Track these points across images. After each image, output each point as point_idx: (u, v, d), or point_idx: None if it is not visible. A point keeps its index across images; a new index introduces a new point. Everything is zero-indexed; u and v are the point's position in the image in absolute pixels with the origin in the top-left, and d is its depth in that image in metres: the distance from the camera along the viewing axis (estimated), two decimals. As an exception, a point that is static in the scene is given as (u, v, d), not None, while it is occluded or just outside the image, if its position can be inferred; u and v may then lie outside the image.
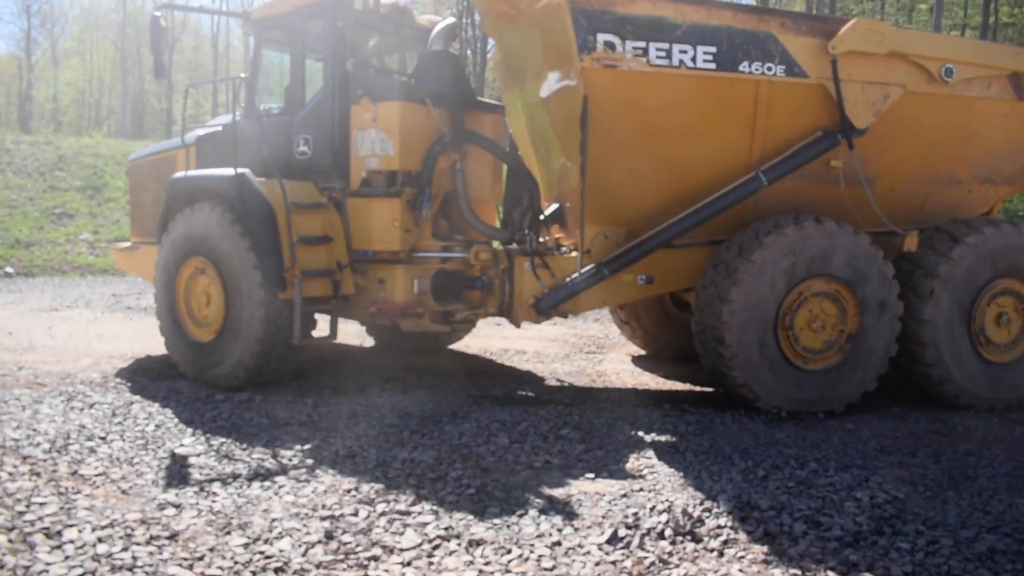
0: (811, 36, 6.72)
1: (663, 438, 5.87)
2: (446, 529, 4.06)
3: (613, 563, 3.71)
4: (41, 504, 4.23)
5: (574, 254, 7.21)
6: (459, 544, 3.90)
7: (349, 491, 4.60)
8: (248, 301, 6.88)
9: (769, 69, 6.62)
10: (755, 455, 5.48)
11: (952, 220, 7.47)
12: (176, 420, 6.10)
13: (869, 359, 6.79)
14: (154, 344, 8.61)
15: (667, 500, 4.47)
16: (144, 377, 7.60)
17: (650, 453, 5.49)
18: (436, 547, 3.87)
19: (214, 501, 4.42)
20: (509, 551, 3.83)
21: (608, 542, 3.91)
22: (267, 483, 4.74)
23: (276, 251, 6.84)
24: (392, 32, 7.99)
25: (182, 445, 5.46)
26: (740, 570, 3.67)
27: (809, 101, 6.83)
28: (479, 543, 3.92)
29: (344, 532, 4.01)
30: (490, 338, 10.29)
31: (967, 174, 7.68)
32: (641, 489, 4.73)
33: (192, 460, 5.14)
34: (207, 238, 7.12)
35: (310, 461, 5.16)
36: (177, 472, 4.91)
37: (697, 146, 6.89)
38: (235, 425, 6.00)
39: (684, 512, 4.23)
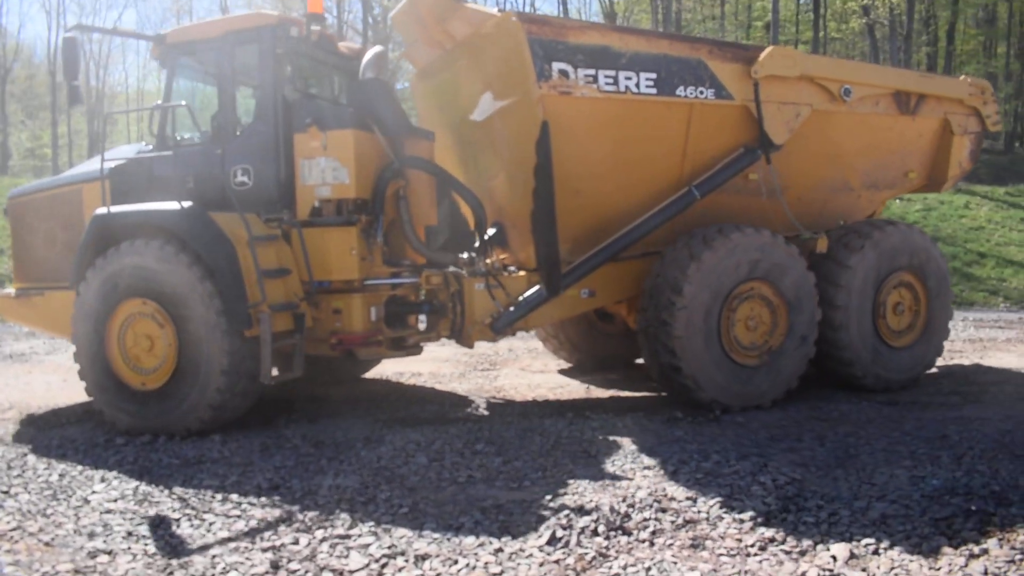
0: (735, 62, 7.41)
1: (573, 445, 6.15)
2: (389, 548, 4.19)
3: (556, 562, 3.95)
4: (-42, 565, 4.07)
5: (521, 273, 7.61)
6: (406, 560, 4.04)
7: (283, 521, 4.64)
8: (208, 340, 6.48)
9: (701, 93, 7.26)
10: (661, 453, 5.85)
11: (844, 223, 8.45)
12: (79, 467, 5.90)
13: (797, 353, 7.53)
14: (29, 393, 8.25)
15: (592, 501, 4.75)
16: (30, 427, 7.27)
17: (565, 460, 5.75)
18: (384, 566, 3.99)
19: (147, 544, 4.37)
20: (456, 561, 4.00)
21: (548, 543, 4.14)
22: (196, 521, 4.70)
23: (239, 287, 6.49)
24: (319, 59, 7.76)
25: (94, 492, 5.31)
26: (672, 556, 3.98)
27: (733, 121, 7.51)
28: (425, 557, 4.06)
29: (290, 560, 4.07)
30: (383, 362, 10.34)
31: (858, 181, 8.57)
32: (565, 493, 4.99)
33: (110, 506, 5.02)
34: (151, 277, 6.59)
35: (235, 496, 5.13)
36: (98, 519, 4.78)
37: (636, 165, 7.39)
38: (144, 468, 5.86)
39: (611, 509, 4.53)
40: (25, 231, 7.88)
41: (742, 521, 4.41)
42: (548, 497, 4.91)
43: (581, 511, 4.56)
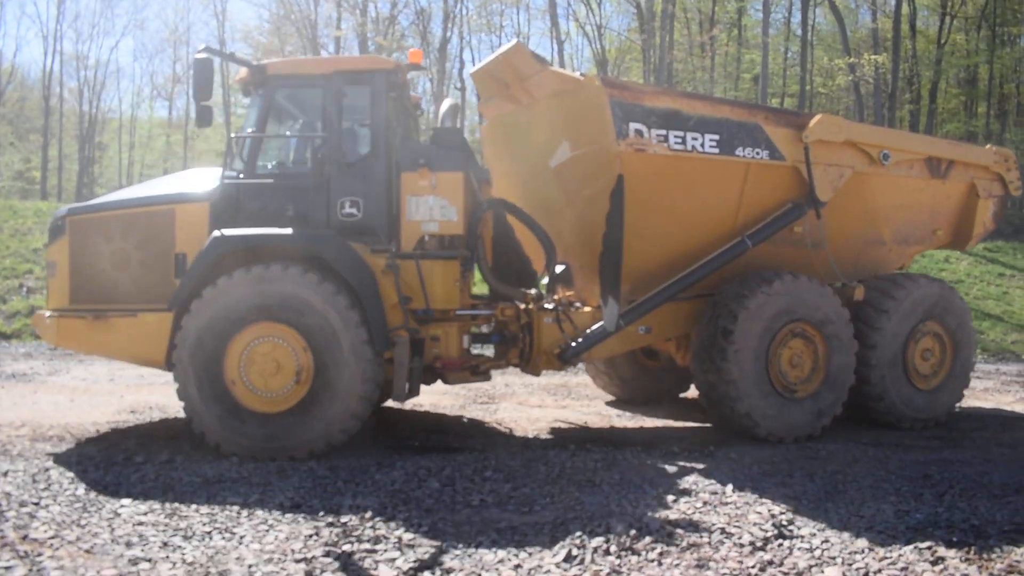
0: (788, 127, 8.28)
1: (578, 475, 6.47)
2: (416, 562, 4.49)
3: (574, 577, 4.26)
4: (7, 569, 4.33)
5: (587, 308, 8.36)
6: (432, 574, 4.34)
7: (311, 536, 4.93)
8: (350, 365, 6.76)
9: (757, 154, 8.09)
10: (661, 483, 6.20)
11: (875, 275, 9.20)
12: (103, 483, 6.14)
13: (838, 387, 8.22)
14: (38, 411, 8.46)
15: (601, 524, 5.07)
16: (44, 443, 7.49)
17: (571, 488, 6.07)
18: (413, 577, 4.29)
19: (183, 554, 4.63)
20: (479, 575, 4.30)
21: (564, 560, 4.46)
22: (227, 535, 4.98)
23: (381, 312, 6.96)
24: (402, 104, 8.14)
25: (123, 505, 5.56)
26: (673, 573, 4.31)
27: (784, 179, 8.33)
28: (450, 571, 4.37)
29: (323, 571, 4.35)
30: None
31: (890, 237, 9.36)
32: (576, 517, 5.30)
33: (141, 518, 5.28)
34: (290, 302, 6.75)
35: (260, 512, 5.41)
36: (132, 530, 5.04)
37: (696, 215, 8.18)
38: (167, 485, 6.11)
39: (621, 532, 4.85)
40: (88, 250, 7.38)
41: (742, 545, 4.75)
42: (559, 520, 5.23)
43: (592, 533, 4.88)
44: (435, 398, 10.43)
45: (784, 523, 5.15)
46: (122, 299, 7.27)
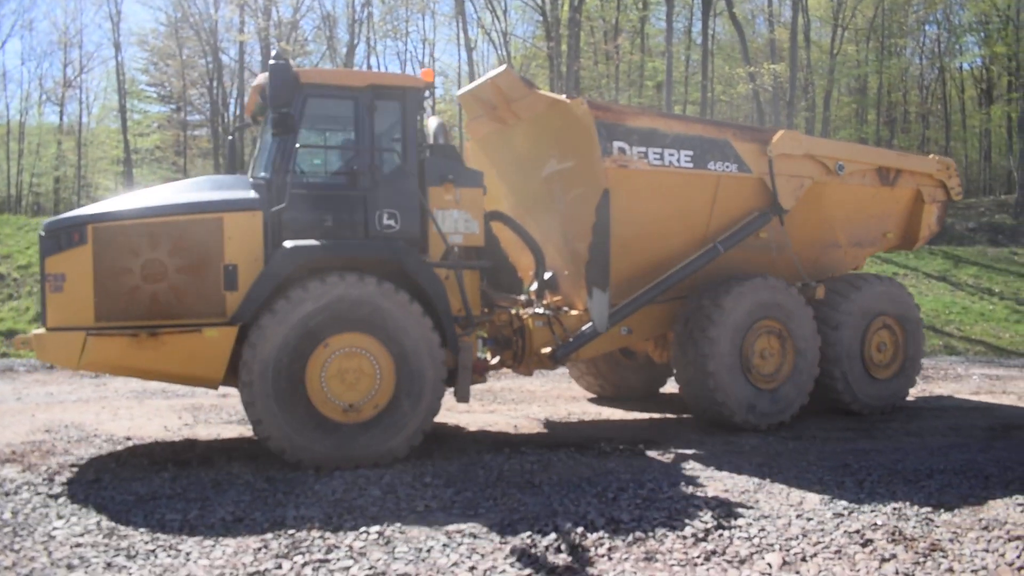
0: (753, 142, 9.06)
1: (516, 477, 6.58)
2: (370, 569, 4.52)
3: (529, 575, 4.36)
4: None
5: (574, 312, 9.00)
6: (388, 579, 4.37)
7: (259, 549, 4.89)
8: (429, 370, 7.00)
9: (727, 167, 8.88)
10: (598, 482, 6.37)
11: (833, 275, 10.06)
12: (30, 505, 5.92)
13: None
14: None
15: (548, 524, 5.19)
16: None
17: (512, 490, 6.18)
18: (369, 584, 4.32)
19: (130, 574, 4.54)
20: (436, 578, 4.36)
21: (518, 560, 4.55)
22: (172, 552, 4.89)
23: (451, 317, 7.26)
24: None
25: (56, 528, 5.39)
26: (630, 567, 4.47)
27: (750, 190, 9.11)
28: (406, 576, 4.41)
29: (278, 582, 4.34)
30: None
31: (845, 240, 10.25)
32: (522, 518, 5.41)
33: (78, 540, 5.13)
34: (370, 311, 6.83)
35: (203, 528, 5.33)
36: (71, 552, 4.90)
37: (672, 224, 8.87)
38: (99, 504, 5.94)
39: (568, 530, 4.98)
40: (117, 261, 6.70)
41: (685, 537, 4.95)
42: (506, 522, 5.33)
43: (541, 533, 5.00)
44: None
45: (722, 515, 5.39)
46: (160, 314, 6.72)
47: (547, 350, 8.55)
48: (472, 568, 4.51)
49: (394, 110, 7.51)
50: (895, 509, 5.57)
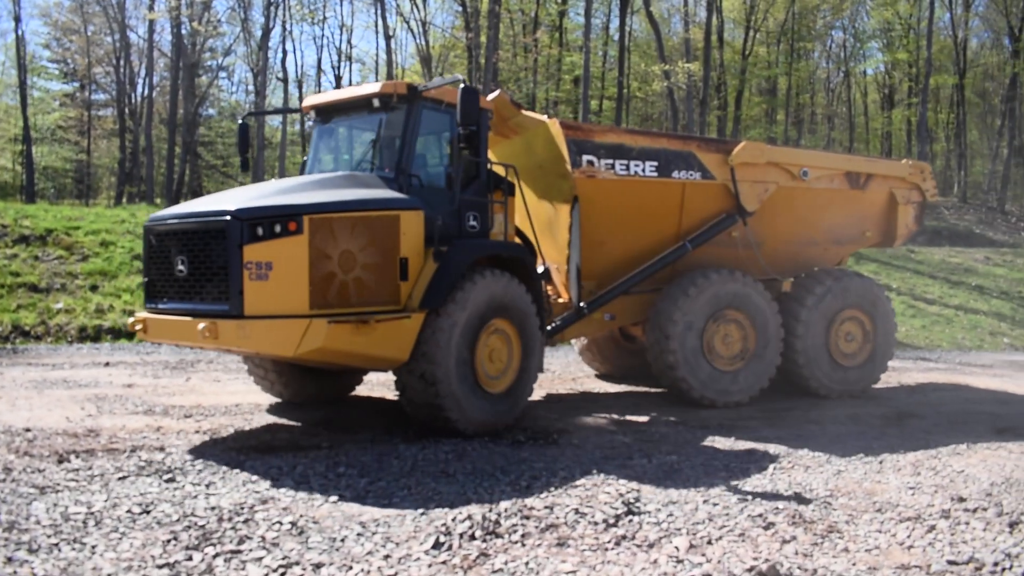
0: (717, 153, 10.09)
1: (431, 467, 6.61)
2: (284, 559, 4.47)
3: (444, 563, 4.40)
4: None
5: (559, 300, 10.04)
6: (303, 570, 4.35)
7: (169, 541, 4.78)
8: (537, 347, 8.50)
9: (691, 175, 9.88)
10: (512, 471, 6.45)
11: (812, 270, 11.06)
12: (-80, 501, 5.66)
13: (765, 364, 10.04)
14: None
15: (462, 512, 5.23)
16: None
17: (427, 479, 6.21)
18: (283, 575, 4.28)
19: (33, 568, 4.38)
20: (350, 567, 4.36)
21: (433, 547, 4.59)
22: (76, 546, 4.73)
23: (543, 303, 8.77)
24: None
25: (-52, 523, 5.16)
26: (544, 553, 4.55)
27: (716, 194, 10.11)
28: (320, 565, 4.39)
29: (189, 574, 4.25)
30: (219, 395, 10.31)
31: (822, 238, 11.20)
32: (436, 507, 5.44)
33: (-27, 535, 4.92)
34: (514, 300, 8.15)
35: (108, 521, 5.18)
36: (-34, 547, 4.71)
37: (644, 225, 9.89)
38: (-5, 498, 5.71)
39: (483, 518, 5.04)
40: (326, 252, 7.04)
41: (596, 523, 5.06)
42: (420, 511, 5.35)
43: (455, 520, 5.04)
44: (275, 397, 10.23)
45: (631, 501, 5.52)
46: (354, 302, 7.19)
47: None
48: (386, 557, 4.52)
49: (480, 128, 8.47)
50: (796, 493, 5.82)
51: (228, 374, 11.77)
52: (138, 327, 7.67)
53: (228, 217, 6.81)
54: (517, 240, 9.58)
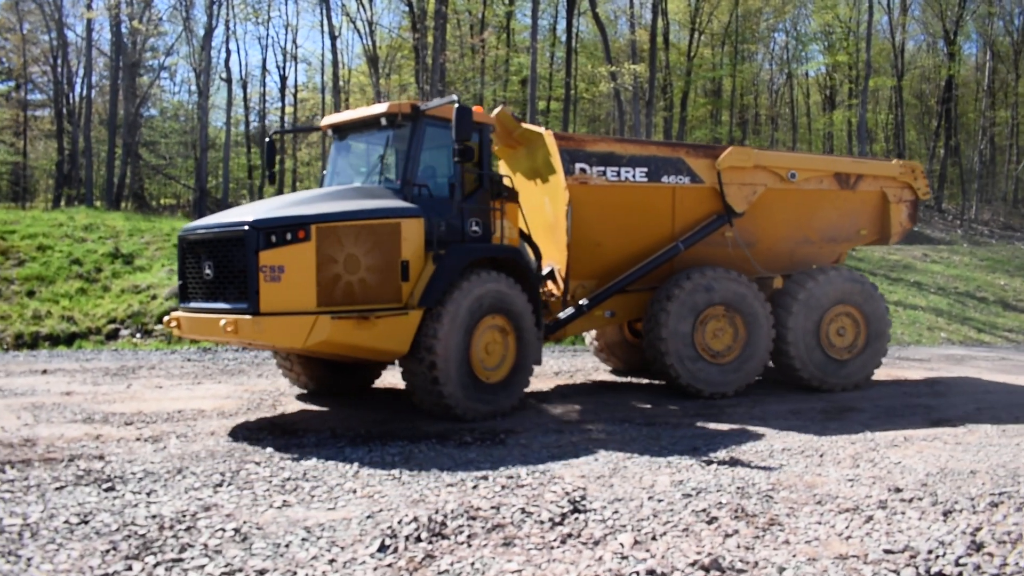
0: (705, 158, 10.67)
1: (377, 470, 6.57)
2: (226, 567, 4.41)
3: (389, 565, 4.38)
4: None
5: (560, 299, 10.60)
6: (246, 576, 4.28)
7: (108, 551, 4.68)
8: (532, 341, 9.12)
9: (681, 180, 10.55)
10: (460, 472, 6.45)
11: (810, 267, 11.59)
12: None
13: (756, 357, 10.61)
14: None
15: (408, 514, 5.21)
16: None
17: (373, 482, 6.17)
18: (225, 581, 4.21)
19: (-38, 582, 4.26)
20: (295, 573, 4.31)
21: (379, 550, 4.56)
22: (11, 558, 4.61)
23: (539, 302, 9.46)
24: None
25: None
26: (490, 553, 4.56)
27: (705, 198, 10.76)
28: (263, 572, 4.34)
29: (127, 584, 4.17)
30: (161, 401, 10.11)
31: (816, 237, 11.71)
32: (381, 510, 5.41)
33: (-99, 549, 4.76)
34: (504, 298, 8.82)
35: (45, 531, 5.05)
36: None
37: (638, 227, 10.56)
38: (-75, 511, 5.53)
39: (429, 519, 5.03)
40: (332, 256, 7.92)
41: (542, 522, 5.08)
42: (366, 514, 5.32)
43: (401, 523, 5.02)
44: (217, 403, 10.08)
45: (577, 499, 5.56)
46: (359, 300, 8.07)
47: None
48: (331, 561, 4.48)
49: (475, 140, 9.18)
50: (739, 488, 5.92)
51: (170, 379, 11.55)
52: (173, 324, 8.66)
53: (246, 227, 7.72)
54: (526, 244, 10.34)
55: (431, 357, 8.24)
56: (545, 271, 10.74)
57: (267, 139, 10.47)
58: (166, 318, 8.89)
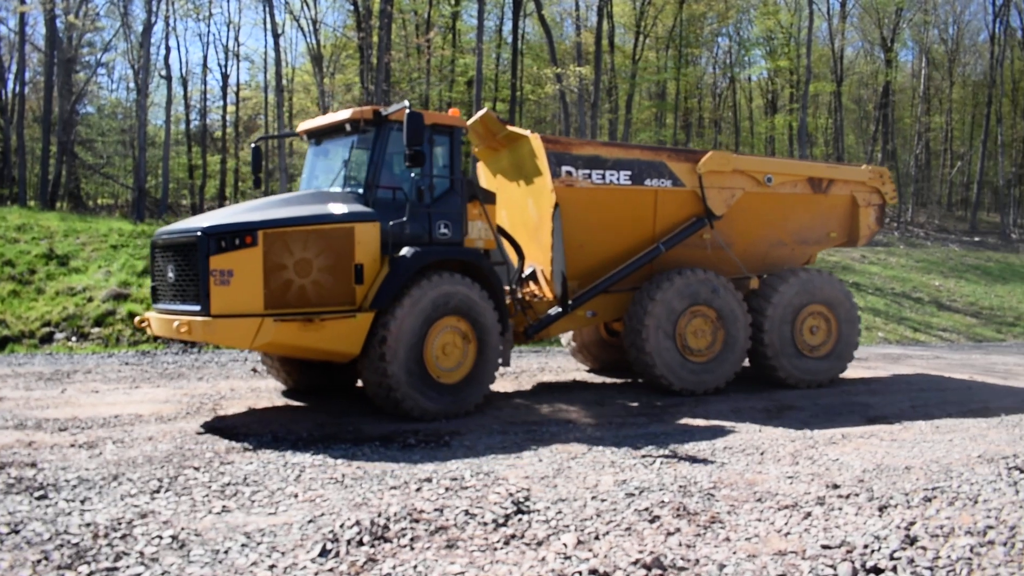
0: (686, 162, 10.97)
1: (320, 473, 6.49)
2: (163, 574, 4.31)
3: (331, 570, 4.33)
4: None
5: (544, 299, 10.85)
6: (182, 583, 4.19)
7: (39, 561, 4.53)
8: (494, 341, 9.21)
9: (663, 183, 10.84)
10: (402, 474, 6.40)
11: (782, 269, 11.91)
12: None
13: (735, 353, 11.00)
14: None
15: (351, 518, 5.15)
16: None
17: (315, 486, 6.09)
18: (160, 590, 4.12)
19: None
20: (233, 579, 4.23)
21: (320, 555, 4.50)
22: (-68, 570, 4.45)
23: (504, 303, 9.54)
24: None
25: None
26: (432, 555, 4.53)
27: (686, 200, 11.04)
28: (201, 579, 4.24)
29: (58, 595, 4.05)
30: (96, 406, 9.85)
31: (789, 239, 12.09)
32: (323, 514, 5.35)
33: None
34: (464, 299, 8.93)
35: (-30, 542, 4.87)
36: None
37: (620, 229, 10.85)
38: None
39: (371, 523, 4.98)
40: (280, 260, 8.15)
41: (485, 524, 5.07)
42: (308, 519, 5.25)
43: (343, 526, 4.96)
44: (155, 407, 9.86)
45: (521, 500, 5.56)
46: (310, 303, 8.25)
47: (520, 329, 10.53)
48: (272, 567, 4.41)
49: (444, 143, 9.51)
50: (681, 487, 5.98)
51: (107, 384, 11.27)
52: (144, 324, 9.08)
53: (199, 233, 7.99)
54: (507, 245, 10.85)
55: (381, 360, 8.39)
56: (527, 272, 11.02)
57: (253, 145, 10.84)
58: (137, 318, 9.33)
